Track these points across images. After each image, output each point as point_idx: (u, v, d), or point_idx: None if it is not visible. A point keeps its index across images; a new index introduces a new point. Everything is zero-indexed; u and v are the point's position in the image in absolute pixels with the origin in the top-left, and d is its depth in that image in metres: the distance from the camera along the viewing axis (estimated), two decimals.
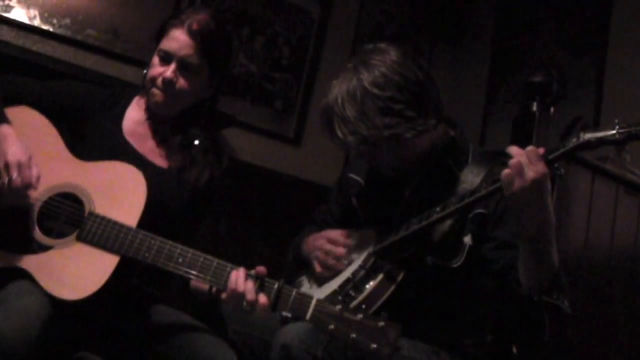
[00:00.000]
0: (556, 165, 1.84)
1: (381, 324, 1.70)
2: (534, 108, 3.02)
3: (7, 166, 1.87)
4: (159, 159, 2.10)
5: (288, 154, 3.97)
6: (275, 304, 1.78)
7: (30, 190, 1.91)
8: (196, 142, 2.11)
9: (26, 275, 1.84)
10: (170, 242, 1.87)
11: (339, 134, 1.98)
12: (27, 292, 1.80)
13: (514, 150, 1.82)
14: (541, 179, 1.77)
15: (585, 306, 2.78)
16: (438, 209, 1.95)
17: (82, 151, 2.02)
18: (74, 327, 1.91)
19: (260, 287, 1.80)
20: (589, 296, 2.81)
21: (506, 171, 1.79)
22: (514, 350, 2.49)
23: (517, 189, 1.78)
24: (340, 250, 2.12)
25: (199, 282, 1.90)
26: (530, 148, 1.80)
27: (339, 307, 1.73)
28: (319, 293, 2.04)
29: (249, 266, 1.85)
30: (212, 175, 2.11)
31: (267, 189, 3.81)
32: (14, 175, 1.86)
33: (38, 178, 1.90)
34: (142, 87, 2.13)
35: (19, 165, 1.87)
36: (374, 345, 1.68)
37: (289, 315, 1.83)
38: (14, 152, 1.88)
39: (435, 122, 2.02)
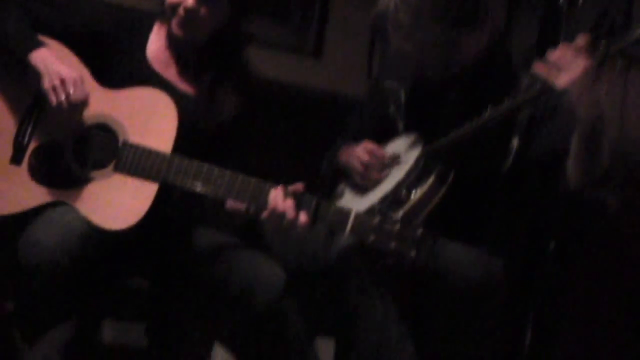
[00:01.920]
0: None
1: (420, 231, 1.74)
2: (561, 2, 2.95)
3: (63, 82, 1.86)
4: (185, 86, 2.09)
5: (309, 68, 3.93)
6: (314, 219, 1.80)
7: (84, 108, 1.91)
8: (220, 67, 2.09)
9: None
10: (207, 164, 1.87)
11: (393, 41, 1.98)
12: (67, 211, 1.84)
13: (557, 50, 1.81)
14: (588, 74, 1.76)
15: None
16: (488, 110, 1.96)
17: (108, 80, 2.01)
18: (119, 255, 1.94)
19: (299, 204, 1.81)
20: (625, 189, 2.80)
21: (552, 69, 1.79)
22: (551, 246, 2.51)
23: (568, 85, 1.77)
24: (381, 160, 2.13)
25: (236, 204, 1.92)
26: (575, 42, 1.79)
27: (377, 218, 1.76)
28: (360, 204, 2.05)
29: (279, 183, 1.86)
30: (239, 99, 2.10)
31: (291, 105, 3.79)
32: (71, 90, 1.86)
33: (88, 97, 1.90)
34: (161, 14, 2.10)
35: (75, 82, 1.87)
36: (414, 253, 1.71)
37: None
38: (68, 70, 1.88)
39: (486, 26, 2.01)
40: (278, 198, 1.81)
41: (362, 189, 2.16)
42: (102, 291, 1.99)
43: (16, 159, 1.91)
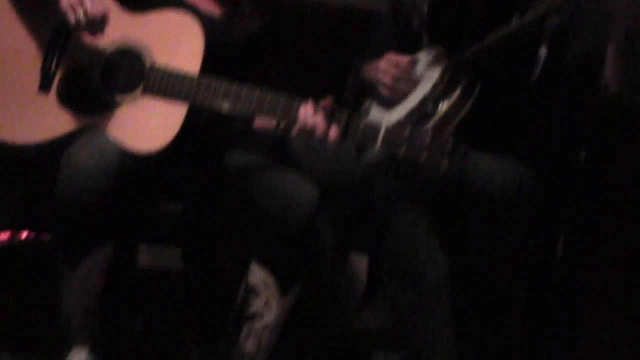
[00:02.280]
0: None
1: (450, 141, 1.73)
2: None
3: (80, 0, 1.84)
4: (208, 7, 2.07)
5: None
6: (345, 133, 1.79)
7: (105, 25, 1.89)
8: None
9: None
10: (235, 83, 1.87)
11: None
12: (100, 137, 1.85)
13: None
14: None
15: None
16: (513, 20, 1.92)
17: (132, 4, 1.99)
18: (151, 179, 1.96)
19: (330, 118, 1.80)
20: None
21: None
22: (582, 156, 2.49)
23: None
24: (407, 70, 2.11)
25: (265, 122, 1.91)
26: None
27: (408, 129, 1.76)
28: (389, 117, 2.04)
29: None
30: (262, 18, 2.08)
31: (314, 21, 3.74)
32: (89, 5, 1.84)
33: (107, 14, 1.88)
34: None
35: None
36: (446, 162, 1.71)
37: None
38: None
39: None
40: (308, 113, 1.80)
41: (389, 104, 2.15)
42: (137, 216, 2.01)
43: (44, 87, 1.92)
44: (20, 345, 2.26)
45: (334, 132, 1.79)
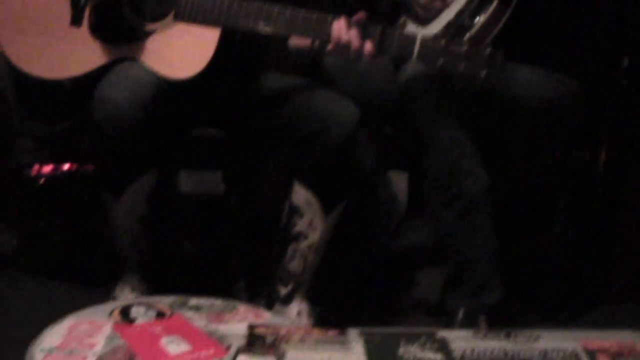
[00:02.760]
0: None
1: (488, 51, 1.70)
2: None
3: None
4: None
5: None
6: (380, 47, 1.77)
7: None
8: None
9: None
10: (267, 3, 1.84)
11: None
12: (134, 66, 1.85)
13: None
14: None
15: None
16: None
17: None
18: (189, 105, 1.96)
19: (364, 33, 1.77)
20: None
21: None
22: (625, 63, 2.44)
23: None
24: None
25: (300, 41, 1.89)
26: None
27: (444, 41, 1.73)
28: (425, 32, 2.01)
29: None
30: None
31: None
32: None
33: None
34: None
35: None
36: (484, 72, 1.68)
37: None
38: None
39: None
40: (342, 29, 1.77)
41: (423, 20, 2.11)
42: (176, 142, 2.02)
43: (76, 20, 1.91)
44: (72, 276, 2.31)
45: (369, 47, 1.76)
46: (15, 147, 2.78)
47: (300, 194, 1.82)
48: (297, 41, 1.91)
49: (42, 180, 2.83)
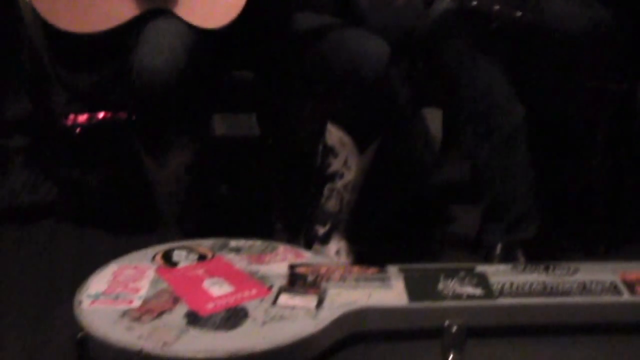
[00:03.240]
0: None
1: None
2: None
3: None
4: None
5: None
6: None
7: None
8: None
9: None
10: None
11: None
12: (168, 26, 1.83)
13: None
14: None
15: None
16: None
17: None
18: (221, 50, 1.95)
19: None
20: None
21: None
22: None
23: None
24: None
25: None
26: None
27: None
28: None
29: None
30: None
31: None
32: None
33: None
34: None
35: None
36: (519, 12, 1.66)
37: None
38: None
39: None
40: None
41: None
42: (210, 87, 2.02)
43: None
44: (113, 224, 2.35)
45: None
46: (50, 97, 2.81)
47: (334, 134, 1.82)
48: None
49: (78, 130, 2.86)
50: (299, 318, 1.37)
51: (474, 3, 1.71)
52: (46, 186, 2.42)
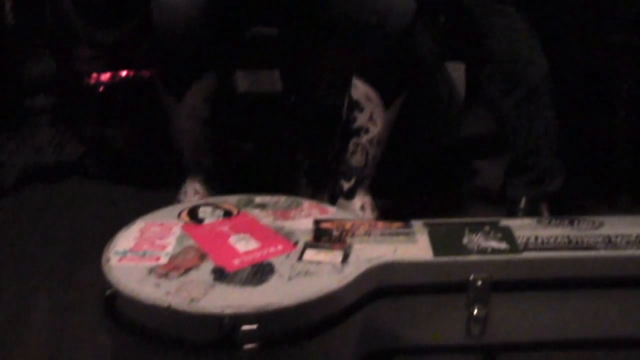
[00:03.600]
0: None
1: None
2: None
3: None
4: None
5: None
6: None
7: None
8: None
9: None
10: None
11: None
12: None
13: None
14: None
15: None
16: None
17: None
18: (243, 3, 1.94)
19: None
20: None
21: None
22: None
23: None
24: None
25: None
26: None
27: None
28: None
29: None
30: None
31: None
32: None
33: None
34: None
35: None
36: None
37: None
38: None
39: None
40: None
41: None
42: (232, 43, 2.02)
43: None
44: (138, 181, 2.36)
45: None
46: (73, 56, 2.82)
47: (360, 89, 1.81)
48: None
49: (101, 88, 2.87)
50: (325, 273, 1.38)
51: None
52: (71, 145, 2.43)
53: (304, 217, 1.61)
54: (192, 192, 1.99)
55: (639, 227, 1.54)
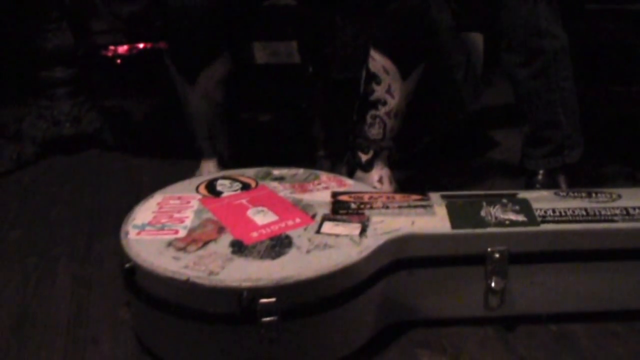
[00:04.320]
0: None
1: None
2: None
3: None
4: None
5: None
6: None
7: None
8: None
9: None
10: None
11: None
12: None
13: None
14: None
15: None
16: None
17: None
18: None
19: None
20: None
21: None
22: None
23: None
24: None
25: None
26: None
27: None
28: None
29: None
30: None
31: None
32: None
33: None
34: None
35: None
36: None
37: None
38: None
39: None
40: None
41: None
42: (249, 14, 2.01)
43: None
44: (155, 153, 2.37)
45: None
46: (91, 28, 2.82)
47: (377, 60, 1.80)
48: None
49: (119, 61, 2.88)
50: (343, 246, 1.39)
51: None
52: (90, 117, 2.44)
53: (322, 189, 1.62)
54: (206, 172, 1.99)
55: None
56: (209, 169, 1.98)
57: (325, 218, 1.49)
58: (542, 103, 1.98)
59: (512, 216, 1.48)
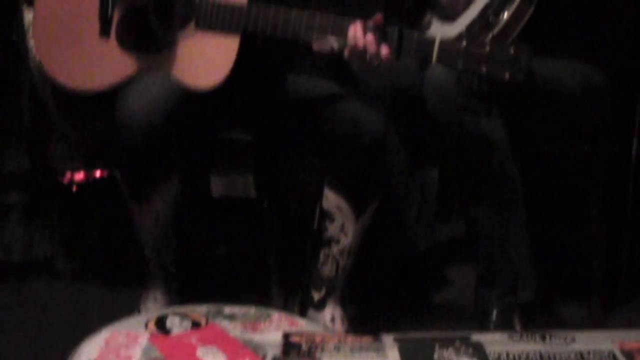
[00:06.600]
0: None
1: (512, 50, 1.67)
2: None
3: None
4: None
5: None
6: (398, 51, 1.73)
7: None
8: None
9: None
10: (283, 7, 1.83)
11: None
12: (159, 76, 1.87)
13: None
14: None
15: None
16: None
17: None
18: (215, 109, 1.96)
19: (380, 37, 1.74)
20: None
21: None
22: None
23: None
24: None
25: (321, 45, 1.87)
26: None
27: (465, 42, 1.69)
28: (448, 32, 1.99)
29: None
30: None
31: None
32: None
33: None
34: None
35: None
36: (508, 74, 1.65)
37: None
38: None
39: None
40: (358, 33, 1.73)
41: (449, 17, 2.09)
42: (206, 147, 2.03)
43: (104, 31, 1.91)
44: (107, 281, 2.33)
45: (385, 52, 1.72)
46: (48, 152, 2.82)
47: (331, 199, 1.82)
48: (320, 44, 1.89)
49: (74, 188, 2.86)
50: None
51: (460, 65, 1.69)
52: (41, 244, 2.41)
53: (273, 329, 1.59)
54: (152, 301, 1.97)
55: (612, 343, 1.53)
56: (155, 296, 1.96)
57: None
58: (494, 242, 2.00)
59: (466, 359, 1.47)
